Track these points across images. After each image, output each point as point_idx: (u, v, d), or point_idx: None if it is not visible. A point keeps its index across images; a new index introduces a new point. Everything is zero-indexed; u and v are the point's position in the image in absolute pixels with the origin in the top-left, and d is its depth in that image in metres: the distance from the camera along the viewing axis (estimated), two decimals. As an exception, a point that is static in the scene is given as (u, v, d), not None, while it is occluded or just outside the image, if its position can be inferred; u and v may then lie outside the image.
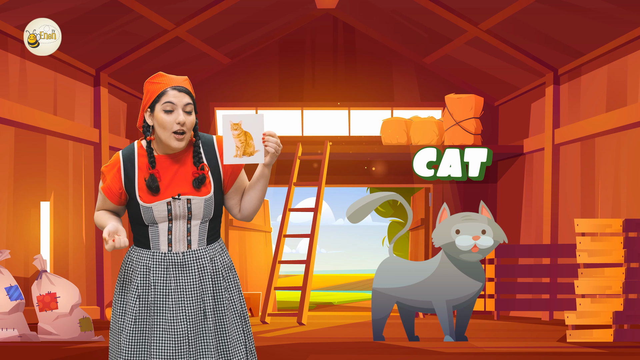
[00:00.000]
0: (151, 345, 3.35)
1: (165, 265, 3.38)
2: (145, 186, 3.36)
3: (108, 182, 3.42)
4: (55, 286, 8.67)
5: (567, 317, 8.33)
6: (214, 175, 3.42)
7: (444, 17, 12.89)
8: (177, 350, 3.33)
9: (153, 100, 3.38)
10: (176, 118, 3.35)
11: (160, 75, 3.41)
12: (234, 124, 3.30)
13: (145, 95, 3.42)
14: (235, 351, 3.40)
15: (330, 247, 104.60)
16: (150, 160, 3.38)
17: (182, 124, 3.36)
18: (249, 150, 3.31)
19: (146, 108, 3.40)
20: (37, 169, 11.40)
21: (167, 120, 3.36)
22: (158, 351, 3.33)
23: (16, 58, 10.74)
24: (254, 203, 3.47)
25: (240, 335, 3.43)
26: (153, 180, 3.36)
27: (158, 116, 3.37)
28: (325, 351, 7.60)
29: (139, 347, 3.36)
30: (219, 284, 3.42)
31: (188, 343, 3.34)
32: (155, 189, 3.35)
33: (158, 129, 3.38)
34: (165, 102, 3.36)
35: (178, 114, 3.36)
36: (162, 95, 3.37)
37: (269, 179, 3.45)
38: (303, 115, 15.30)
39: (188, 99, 3.38)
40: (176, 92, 3.37)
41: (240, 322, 3.44)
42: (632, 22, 10.74)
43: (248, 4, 12.91)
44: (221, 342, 3.40)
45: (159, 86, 3.38)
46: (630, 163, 10.94)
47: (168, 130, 3.36)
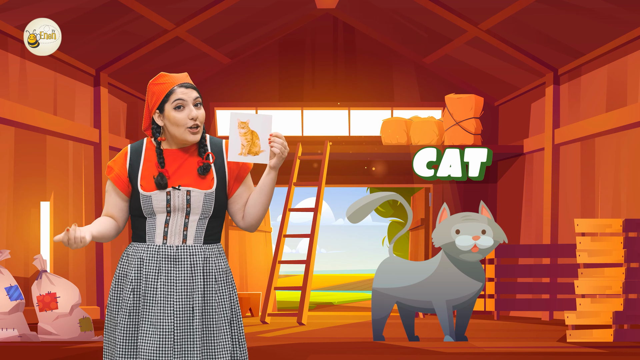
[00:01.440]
0: (139, 340, 3.34)
1: (158, 257, 3.38)
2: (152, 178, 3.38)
3: (116, 171, 3.43)
4: (55, 286, 8.68)
5: (567, 317, 8.33)
6: (218, 173, 3.42)
7: (444, 17, 12.89)
8: (163, 342, 3.32)
9: (162, 101, 3.39)
10: (189, 114, 3.38)
11: (163, 75, 3.42)
12: (242, 122, 3.31)
13: (150, 97, 3.42)
14: (219, 356, 3.37)
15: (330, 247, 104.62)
16: (160, 161, 3.40)
17: (196, 118, 3.38)
18: (254, 150, 3.32)
19: (154, 110, 3.40)
20: (37, 169, 11.40)
21: (180, 118, 3.38)
22: (145, 343, 3.32)
23: (16, 58, 10.74)
24: (258, 208, 3.45)
25: (228, 341, 3.39)
26: (162, 178, 3.38)
27: (170, 115, 3.38)
28: (325, 351, 7.60)
29: (132, 342, 3.36)
30: (210, 285, 3.40)
31: (174, 339, 3.34)
32: (164, 186, 3.36)
33: (171, 128, 3.39)
34: (175, 100, 3.38)
35: (190, 109, 3.38)
36: (170, 94, 3.38)
37: (274, 185, 3.43)
38: (303, 115, 15.30)
39: (196, 93, 3.41)
40: (184, 88, 3.39)
41: (229, 329, 3.40)
42: (632, 22, 10.74)
43: (248, 4, 12.91)
44: (207, 343, 3.38)
45: (165, 86, 3.40)
46: (630, 163, 10.94)
47: (182, 126, 3.38)
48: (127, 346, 3.36)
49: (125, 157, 3.44)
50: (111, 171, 3.44)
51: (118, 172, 3.43)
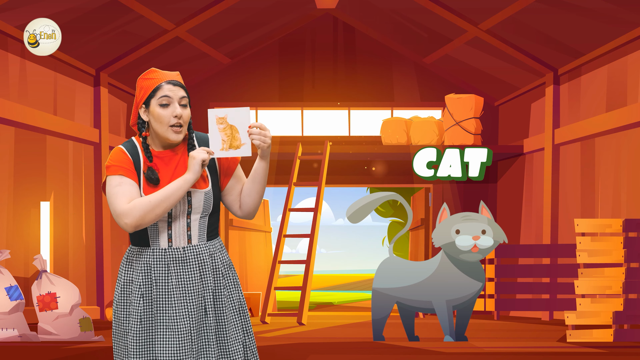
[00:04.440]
0: (156, 344, 3.34)
1: (165, 261, 3.38)
2: (145, 179, 3.36)
3: (126, 167, 3.36)
4: (55, 286, 8.68)
5: (567, 317, 8.33)
6: (210, 170, 3.44)
7: (444, 17, 12.89)
8: (182, 347, 3.32)
9: (148, 96, 3.38)
10: (173, 111, 3.37)
11: (154, 71, 3.42)
12: (220, 118, 3.34)
13: (139, 91, 3.42)
14: (233, 349, 3.40)
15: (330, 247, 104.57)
16: (147, 155, 3.39)
17: (179, 116, 3.37)
18: (235, 144, 3.34)
19: (141, 104, 3.40)
20: (37, 169, 11.40)
21: (163, 114, 3.37)
22: (164, 349, 3.32)
23: (16, 58, 10.74)
24: (253, 197, 3.46)
25: (239, 333, 3.42)
26: (152, 172, 3.36)
27: (154, 111, 3.37)
28: (325, 351, 7.60)
29: (146, 346, 3.35)
30: (218, 281, 3.43)
31: (191, 339, 3.34)
32: (155, 181, 3.35)
33: (155, 124, 3.38)
34: (161, 97, 3.37)
35: (175, 107, 3.37)
36: (157, 90, 3.38)
37: (267, 171, 3.43)
38: (303, 115, 15.31)
39: (183, 92, 3.40)
40: (171, 86, 3.38)
41: (240, 320, 3.44)
42: (632, 22, 10.74)
43: (248, 4, 12.91)
44: (220, 339, 3.40)
45: (153, 81, 3.39)
46: (630, 163, 10.94)
47: (165, 124, 3.37)
48: (142, 351, 3.35)
49: (126, 156, 3.40)
50: (118, 168, 3.36)
51: (127, 167, 3.37)
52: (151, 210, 3.29)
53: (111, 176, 3.37)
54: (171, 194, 3.31)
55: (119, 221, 3.32)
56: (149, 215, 3.29)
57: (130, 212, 3.29)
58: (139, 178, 3.38)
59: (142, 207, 3.28)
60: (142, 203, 3.29)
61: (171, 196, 3.30)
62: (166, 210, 3.31)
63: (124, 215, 3.29)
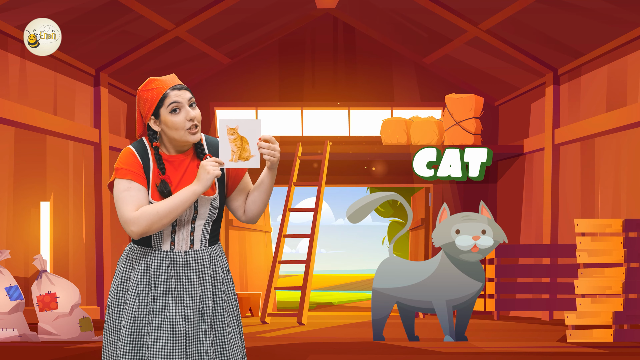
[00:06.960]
0: (149, 345, 3.34)
1: (166, 264, 3.38)
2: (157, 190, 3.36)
3: (135, 170, 3.35)
4: (55, 286, 8.68)
5: (567, 317, 8.33)
6: (217, 178, 3.42)
7: (444, 17, 12.89)
8: (174, 349, 3.32)
9: (156, 106, 3.36)
10: (187, 115, 3.36)
11: (153, 80, 3.39)
12: (231, 129, 3.32)
13: (143, 104, 3.38)
14: (233, 354, 3.41)
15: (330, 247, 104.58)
16: (160, 167, 3.37)
17: (194, 118, 3.37)
18: (244, 155, 3.33)
19: (149, 116, 3.38)
20: (37, 169, 11.40)
21: (178, 121, 3.36)
22: (156, 352, 3.32)
23: (16, 58, 10.74)
24: (258, 205, 3.47)
25: (238, 339, 3.44)
26: (165, 186, 3.35)
27: (167, 119, 3.36)
28: (325, 351, 7.60)
29: (137, 346, 3.35)
30: (218, 287, 3.43)
31: (185, 342, 3.34)
32: (167, 194, 3.34)
33: (170, 132, 3.37)
34: (170, 104, 3.35)
35: (186, 111, 3.36)
36: (164, 99, 3.35)
37: (273, 181, 3.44)
38: (303, 115, 15.31)
39: (189, 94, 3.39)
40: (177, 91, 3.37)
41: (237, 326, 3.46)
42: (632, 22, 10.74)
43: (248, 4, 12.92)
44: (219, 344, 3.41)
45: (157, 91, 3.37)
46: (630, 163, 10.94)
47: (181, 129, 3.36)
48: (132, 349, 3.35)
49: (136, 158, 3.38)
50: (127, 172, 3.35)
51: (136, 171, 3.36)
52: (158, 221, 3.30)
53: (119, 179, 3.36)
54: (178, 206, 3.32)
55: (125, 228, 3.33)
56: (156, 225, 3.31)
57: (137, 221, 3.30)
58: (147, 181, 3.38)
59: (149, 217, 3.30)
60: (150, 213, 3.30)
61: (179, 207, 3.32)
62: (172, 220, 3.33)
63: (130, 223, 3.31)
